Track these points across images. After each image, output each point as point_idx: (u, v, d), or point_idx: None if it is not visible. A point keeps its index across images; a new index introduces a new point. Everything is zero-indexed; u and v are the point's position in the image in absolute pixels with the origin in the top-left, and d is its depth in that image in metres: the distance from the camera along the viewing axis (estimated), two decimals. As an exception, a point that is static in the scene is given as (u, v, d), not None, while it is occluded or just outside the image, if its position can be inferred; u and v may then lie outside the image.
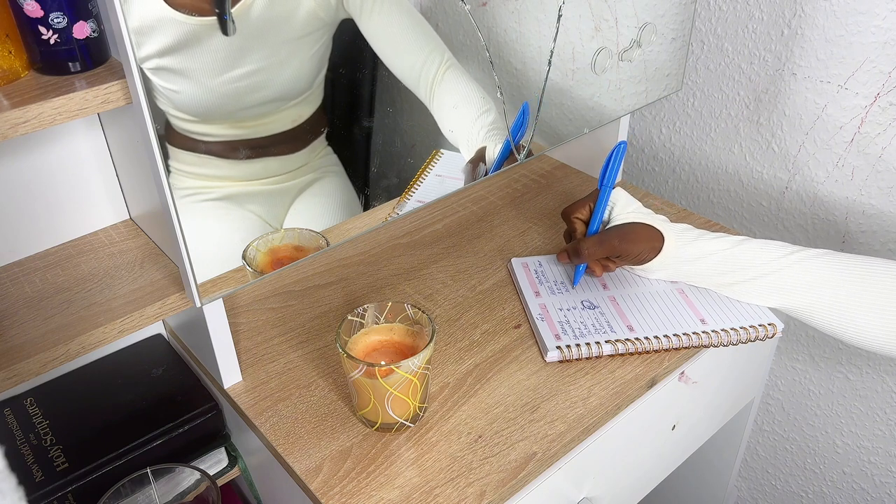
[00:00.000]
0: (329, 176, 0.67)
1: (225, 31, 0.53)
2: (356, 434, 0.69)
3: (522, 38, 0.74)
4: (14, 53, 0.54)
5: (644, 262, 0.80)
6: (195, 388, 0.79)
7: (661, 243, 0.79)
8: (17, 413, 0.76)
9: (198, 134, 0.57)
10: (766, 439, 1.17)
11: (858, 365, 1.00)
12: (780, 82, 0.94)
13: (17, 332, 0.62)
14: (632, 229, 0.79)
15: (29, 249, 0.72)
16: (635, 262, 0.81)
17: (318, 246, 0.68)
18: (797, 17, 0.89)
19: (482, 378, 0.75)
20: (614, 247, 0.79)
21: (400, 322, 0.71)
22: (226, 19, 0.53)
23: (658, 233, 0.79)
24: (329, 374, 0.75)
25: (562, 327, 0.78)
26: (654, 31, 0.88)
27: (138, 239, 0.74)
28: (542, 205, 1.03)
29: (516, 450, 0.67)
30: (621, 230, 0.79)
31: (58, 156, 0.71)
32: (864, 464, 1.06)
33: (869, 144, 0.89)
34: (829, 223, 0.96)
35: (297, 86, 0.61)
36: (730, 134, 1.03)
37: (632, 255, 0.79)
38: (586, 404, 0.72)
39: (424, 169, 0.74)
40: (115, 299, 0.65)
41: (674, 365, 0.77)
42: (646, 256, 0.79)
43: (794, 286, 0.75)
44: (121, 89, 0.54)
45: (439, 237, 0.97)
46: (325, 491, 0.64)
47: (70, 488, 0.69)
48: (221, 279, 0.63)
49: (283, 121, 0.62)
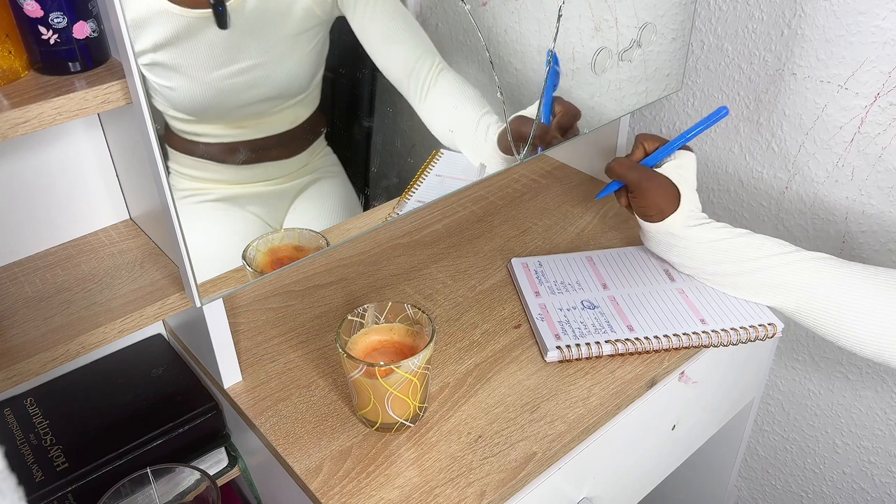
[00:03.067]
0: (329, 177, 0.67)
1: (220, 24, 0.53)
2: (356, 434, 0.69)
3: (522, 38, 0.74)
4: (14, 53, 0.54)
5: (646, 219, 0.81)
6: (195, 388, 0.79)
7: (670, 212, 0.79)
8: (17, 413, 0.76)
9: (196, 135, 0.56)
10: (766, 439, 1.17)
11: (858, 365, 1.00)
12: (780, 82, 0.94)
13: (18, 332, 0.62)
14: (662, 183, 0.79)
15: (29, 249, 0.72)
16: (640, 213, 0.81)
17: (318, 246, 0.68)
18: (797, 17, 0.89)
19: (482, 378, 0.75)
20: (636, 181, 0.79)
21: (400, 322, 0.71)
22: (221, 11, 0.52)
23: (675, 204, 0.79)
24: (329, 374, 0.75)
25: (562, 327, 0.78)
26: (654, 31, 0.88)
27: (138, 239, 0.74)
28: (542, 205, 1.03)
29: (516, 450, 0.67)
30: (656, 177, 0.80)
31: (58, 156, 0.71)
32: (864, 464, 1.06)
33: (869, 144, 0.89)
34: (829, 223, 0.96)
35: (295, 84, 0.61)
36: (730, 134, 1.03)
37: (640, 202, 0.80)
38: (586, 404, 0.72)
39: (424, 169, 0.74)
40: (115, 299, 0.65)
41: (674, 365, 0.77)
42: (651, 214, 0.80)
43: (785, 285, 0.76)
44: (121, 89, 0.54)
45: (439, 237, 0.97)
46: (325, 491, 0.64)
47: (70, 488, 0.69)
48: (221, 279, 0.63)
49: (281, 122, 0.61)
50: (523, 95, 0.78)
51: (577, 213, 1.01)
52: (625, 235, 0.96)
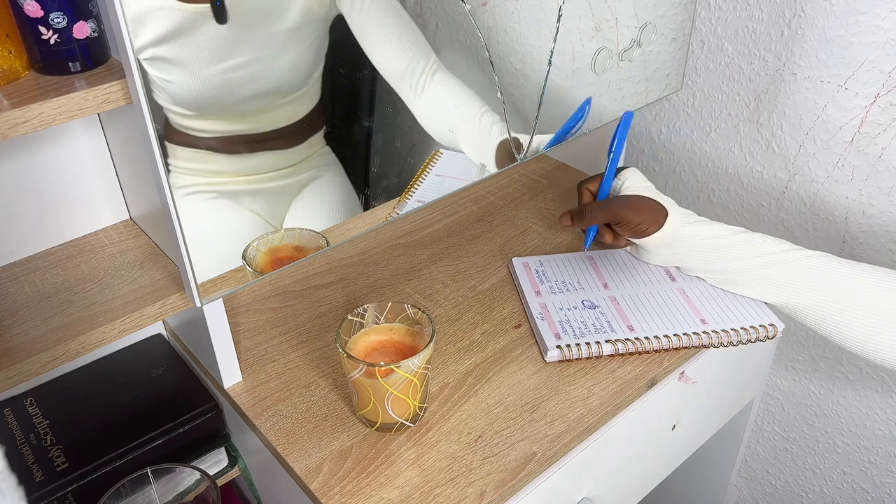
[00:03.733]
0: (328, 174, 0.67)
1: (218, 19, 0.53)
2: (356, 434, 0.69)
3: (522, 38, 0.74)
4: (14, 53, 0.53)
5: (645, 235, 0.81)
6: (195, 388, 0.79)
7: (663, 218, 0.80)
8: (17, 413, 0.76)
9: (195, 130, 0.57)
10: (766, 439, 1.17)
11: (859, 365, 1.00)
12: (780, 82, 0.94)
13: (18, 332, 0.62)
14: (637, 200, 0.80)
15: (29, 249, 0.72)
16: (636, 233, 0.81)
17: (318, 246, 0.68)
18: (797, 17, 0.89)
19: (482, 378, 0.75)
20: (615, 211, 0.80)
21: (400, 322, 0.71)
22: (219, 6, 0.53)
23: (662, 209, 0.80)
24: (329, 374, 0.75)
25: (562, 327, 0.78)
26: (654, 31, 0.88)
27: (138, 239, 0.74)
28: (542, 205, 1.03)
29: (516, 450, 0.67)
30: (626, 199, 0.81)
31: (58, 156, 0.71)
32: (864, 464, 1.06)
33: (869, 144, 0.89)
34: (829, 223, 0.96)
35: (292, 79, 0.61)
36: (730, 134, 1.03)
37: (632, 224, 0.80)
38: (586, 404, 0.72)
39: (424, 169, 0.74)
40: (115, 299, 0.65)
41: (674, 365, 0.77)
42: (646, 228, 0.80)
43: (786, 283, 0.76)
44: (121, 89, 0.54)
45: (439, 237, 0.97)
46: (325, 491, 0.64)
47: (70, 488, 0.69)
48: (221, 279, 0.63)
49: (280, 117, 0.62)
50: (523, 95, 0.78)
51: (577, 213, 1.01)
52: (625, 235, 0.96)
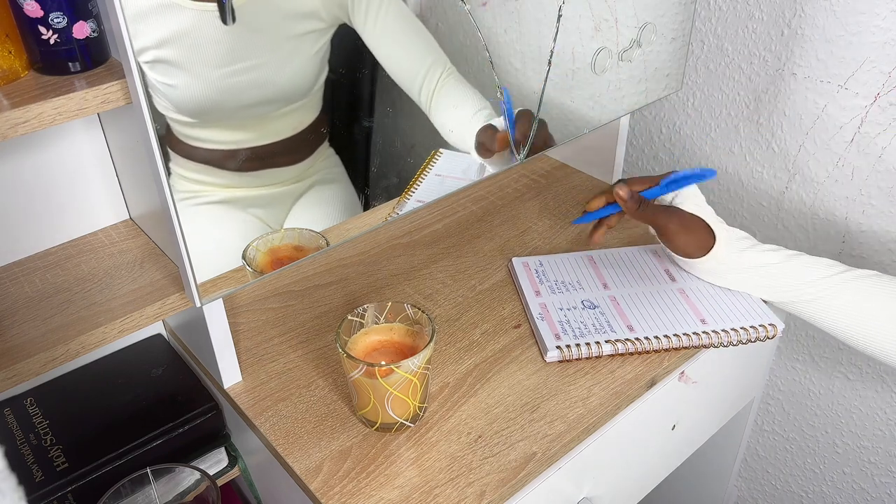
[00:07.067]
0: (330, 180, 0.67)
1: (224, 18, 0.53)
2: (356, 434, 0.69)
3: (522, 38, 0.74)
4: (14, 53, 0.53)
5: (688, 257, 0.80)
6: (195, 388, 0.79)
7: (711, 243, 0.78)
8: (17, 413, 0.76)
9: (198, 140, 0.56)
10: (766, 439, 1.17)
11: (858, 365, 1.00)
12: (780, 82, 0.94)
13: (17, 332, 0.62)
14: (691, 220, 0.77)
15: (29, 249, 0.72)
16: (676, 251, 0.80)
17: (318, 246, 0.68)
18: (797, 17, 0.89)
19: (482, 378, 0.75)
20: (664, 222, 0.77)
21: (400, 322, 0.71)
22: (224, 4, 0.52)
23: (711, 234, 0.78)
24: (329, 374, 0.75)
25: (562, 327, 0.78)
26: (654, 31, 0.88)
27: (138, 239, 0.74)
28: (542, 205, 1.03)
29: (516, 450, 0.67)
30: (682, 215, 0.77)
31: (58, 156, 0.71)
32: (864, 464, 1.06)
33: (869, 144, 0.89)
34: (829, 223, 0.96)
35: (297, 86, 0.60)
36: (730, 134, 1.03)
37: (675, 243, 0.78)
38: (586, 404, 0.72)
39: (424, 169, 0.74)
40: (115, 299, 0.65)
41: (674, 365, 0.77)
42: (691, 252, 0.78)
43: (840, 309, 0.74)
44: (121, 89, 0.54)
45: (439, 237, 0.97)
46: (325, 491, 0.64)
47: (70, 488, 0.69)
48: (221, 279, 0.63)
49: (284, 127, 0.61)
50: (523, 95, 0.78)
51: (577, 213, 1.01)
52: (625, 235, 0.96)
